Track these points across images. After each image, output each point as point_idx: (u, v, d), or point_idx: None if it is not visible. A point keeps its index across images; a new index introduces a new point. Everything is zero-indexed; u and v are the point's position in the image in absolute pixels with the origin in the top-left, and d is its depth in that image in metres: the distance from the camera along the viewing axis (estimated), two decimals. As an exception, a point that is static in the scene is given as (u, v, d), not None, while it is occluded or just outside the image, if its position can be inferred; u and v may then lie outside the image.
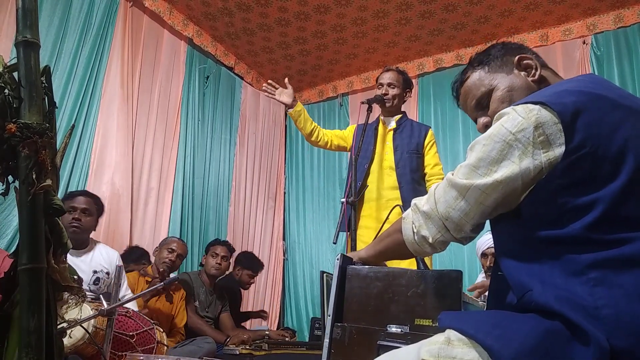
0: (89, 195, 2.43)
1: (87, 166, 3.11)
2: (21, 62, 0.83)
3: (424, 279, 1.01)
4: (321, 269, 1.30)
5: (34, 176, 0.80)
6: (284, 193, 5.18)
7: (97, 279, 2.33)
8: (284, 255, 4.93)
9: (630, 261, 0.68)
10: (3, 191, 0.85)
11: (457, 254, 3.94)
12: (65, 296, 0.87)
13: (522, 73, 0.98)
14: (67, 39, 3.06)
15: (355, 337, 1.02)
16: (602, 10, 3.83)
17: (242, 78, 4.76)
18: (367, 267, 1.10)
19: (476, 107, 1.03)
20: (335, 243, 2.12)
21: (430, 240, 0.90)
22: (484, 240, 2.61)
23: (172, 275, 2.94)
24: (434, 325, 0.94)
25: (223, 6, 3.92)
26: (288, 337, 3.48)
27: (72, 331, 1.67)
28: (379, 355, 0.85)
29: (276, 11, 3.95)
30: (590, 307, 0.66)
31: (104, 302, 1.66)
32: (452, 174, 0.87)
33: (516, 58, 0.99)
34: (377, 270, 1.07)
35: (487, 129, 0.85)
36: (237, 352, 2.70)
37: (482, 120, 1.01)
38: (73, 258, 2.26)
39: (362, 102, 2.45)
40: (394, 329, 0.98)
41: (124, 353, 1.82)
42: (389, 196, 2.45)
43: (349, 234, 2.06)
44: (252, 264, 3.66)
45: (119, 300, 1.74)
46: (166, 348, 2.17)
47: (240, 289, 3.72)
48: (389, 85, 2.57)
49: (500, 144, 0.79)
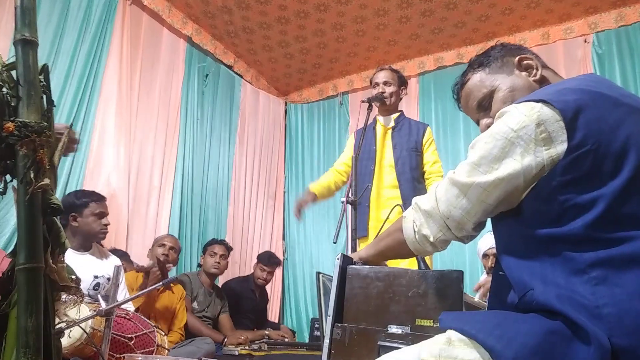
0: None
1: (84, 165, 3.09)
2: (19, 60, 0.83)
3: (424, 279, 1.00)
4: (318, 270, 1.29)
5: (32, 175, 0.80)
6: (284, 192, 5.15)
7: (97, 284, 2.31)
8: (283, 255, 4.90)
9: (632, 260, 0.68)
10: (1, 190, 0.84)
11: (458, 254, 3.92)
12: (63, 296, 0.87)
13: (524, 73, 0.98)
14: (65, 37, 3.04)
15: (355, 338, 1.02)
16: (603, 8, 3.82)
17: (241, 76, 4.74)
18: (367, 267, 1.10)
19: (478, 109, 1.03)
20: (335, 243, 2.11)
21: (431, 239, 0.90)
22: (485, 240, 2.61)
23: (170, 276, 2.93)
24: (434, 325, 0.94)
25: (222, 4, 3.91)
26: (287, 337, 3.47)
27: (70, 331, 1.66)
28: (379, 356, 0.85)
29: (276, 9, 3.93)
30: (592, 306, 0.66)
31: (102, 303, 1.66)
32: (454, 172, 0.87)
33: (517, 58, 0.99)
34: (377, 270, 1.07)
35: None
36: (237, 353, 2.70)
37: (485, 121, 1.01)
38: (77, 257, 2.26)
39: (363, 101, 2.45)
40: (394, 329, 0.98)
41: (122, 355, 1.82)
42: (388, 195, 2.45)
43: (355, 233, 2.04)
44: (263, 257, 3.73)
45: (117, 301, 1.73)
46: (167, 352, 2.15)
47: (252, 291, 3.68)
48: (385, 83, 2.56)
49: (502, 142, 0.79)
